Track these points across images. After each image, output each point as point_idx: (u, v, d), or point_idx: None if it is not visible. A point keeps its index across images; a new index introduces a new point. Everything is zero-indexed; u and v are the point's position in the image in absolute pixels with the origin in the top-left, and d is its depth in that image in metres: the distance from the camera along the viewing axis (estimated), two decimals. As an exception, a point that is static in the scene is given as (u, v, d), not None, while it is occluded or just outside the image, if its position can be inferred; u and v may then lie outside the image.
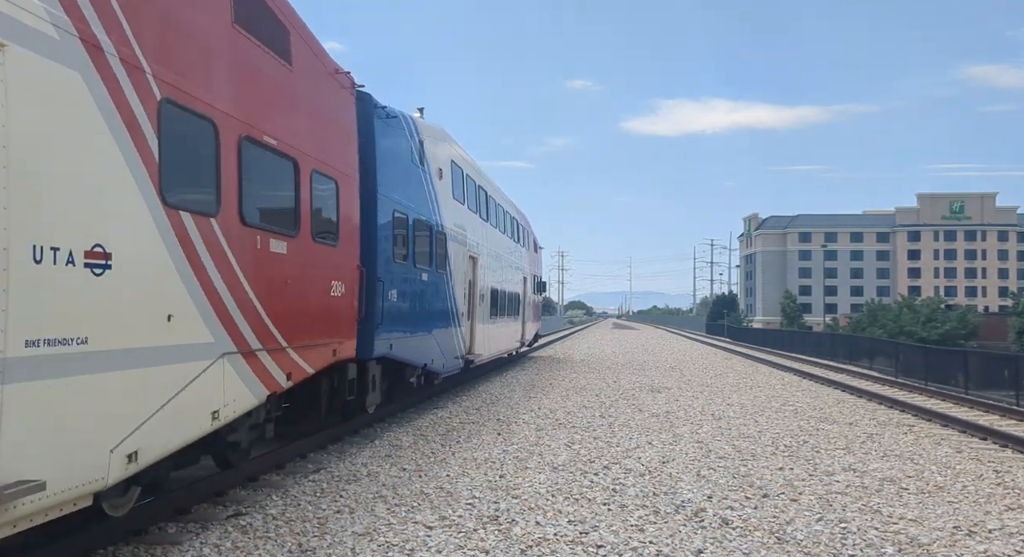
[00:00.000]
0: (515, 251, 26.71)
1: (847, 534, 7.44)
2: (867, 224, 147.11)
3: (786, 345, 43.26)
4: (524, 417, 14.73)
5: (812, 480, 9.79)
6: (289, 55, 8.75)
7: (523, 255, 28.73)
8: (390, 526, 7.42)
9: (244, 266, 7.41)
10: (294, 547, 6.77)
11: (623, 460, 10.77)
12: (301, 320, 8.91)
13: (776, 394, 20.04)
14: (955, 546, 7.15)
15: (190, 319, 6.54)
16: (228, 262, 7.13)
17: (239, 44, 7.61)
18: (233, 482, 8.62)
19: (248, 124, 7.62)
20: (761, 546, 7.02)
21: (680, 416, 15.34)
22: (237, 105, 7.44)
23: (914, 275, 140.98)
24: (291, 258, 8.57)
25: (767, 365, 31.84)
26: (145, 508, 7.11)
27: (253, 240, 7.67)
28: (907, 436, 13.63)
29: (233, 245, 7.21)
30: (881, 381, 24.45)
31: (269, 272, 8.04)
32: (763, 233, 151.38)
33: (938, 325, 67.75)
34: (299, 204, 8.82)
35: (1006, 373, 19.66)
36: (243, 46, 7.70)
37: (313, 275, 9.35)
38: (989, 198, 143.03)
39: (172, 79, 6.28)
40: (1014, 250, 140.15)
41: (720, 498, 8.72)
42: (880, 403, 18.63)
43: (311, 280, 9.29)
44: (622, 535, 7.28)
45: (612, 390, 19.99)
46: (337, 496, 8.55)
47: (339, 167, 10.17)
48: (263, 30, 8.12)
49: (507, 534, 7.24)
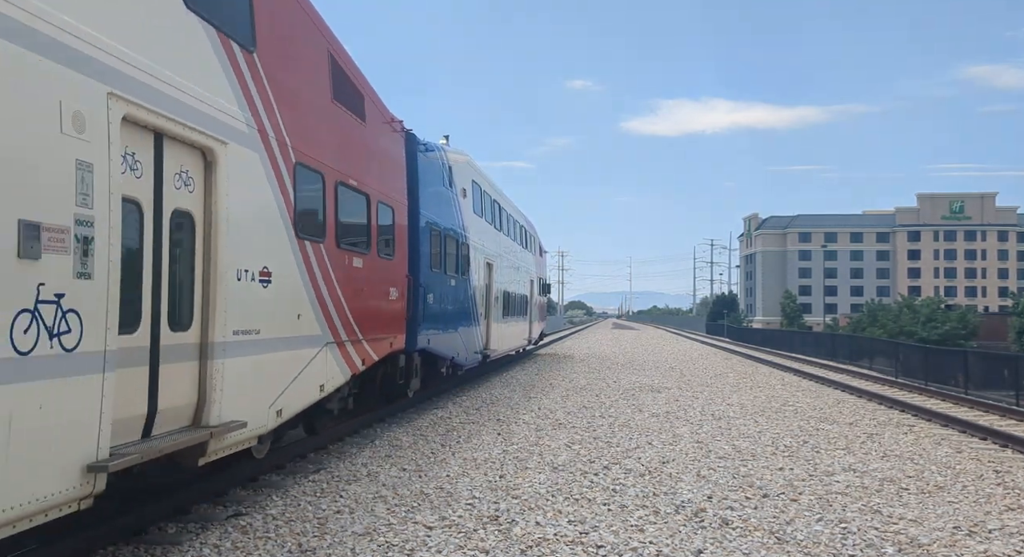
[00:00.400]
0: (523, 256, 28.84)
1: (847, 534, 7.44)
2: (867, 224, 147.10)
3: (786, 345, 43.26)
4: (524, 417, 14.73)
5: (812, 480, 9.79)
6: (363, 114, 11.20)
7: (530, 260, 30.93)
8: (390, 526, 7.42)
9: (338, 278, 9.86)
10: (294, 547, 6.77)
11: (623, 460, 10.77)
12: (371, 319, 11.29)
13: (776, 394, 20.03)
14: (955, 546, 7.15)
15: (310, 317, 9.00)
16: (329, 275, 9.57)
17: (335, 114, 10.11)
18: (233, 482, 8.63)
19: (341, 172, 10.03)
20: (761, 546, 7.02)
21: (680, 416, 15.34)
22: (335, 158, 9.87)
23: (914, 275, 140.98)
24: (365, 270, 10.99)
25: (767, 365, 31.84)
26: (145, 508, 7.12)
27: (343, 258, 10.11)
28: (907, 436, 13.63)
29: (332, 263, 9.66)
30: (881, 381, 24.45)
31: (352, 282, 10.39)
32: (763, 233, 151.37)
33: (938, 325, 67.70)
34: (370, 228, 11.34)
35: (1006, 373, 19.67)
36: (337, 115, 10.18)
37: (379, 283, 11.86)
38: (989, 198, 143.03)
39: (301, 146, 8.70)
40: (1014, 250, 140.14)
41: (720, 498, 8.72)
42: (880, 403, 18.63)
43: (378, 287, 11.80)
44: (622, 535, 7.28)
45: (612, 390, 19.99)
46: (337, 496, 8.55)
47: (394, 196, 12.66)
48: (348, 99, 10.57)
49: (507, 534, 7.24)
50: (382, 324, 11.93)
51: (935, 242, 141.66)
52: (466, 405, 16.45)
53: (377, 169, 11.79)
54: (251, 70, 7.63)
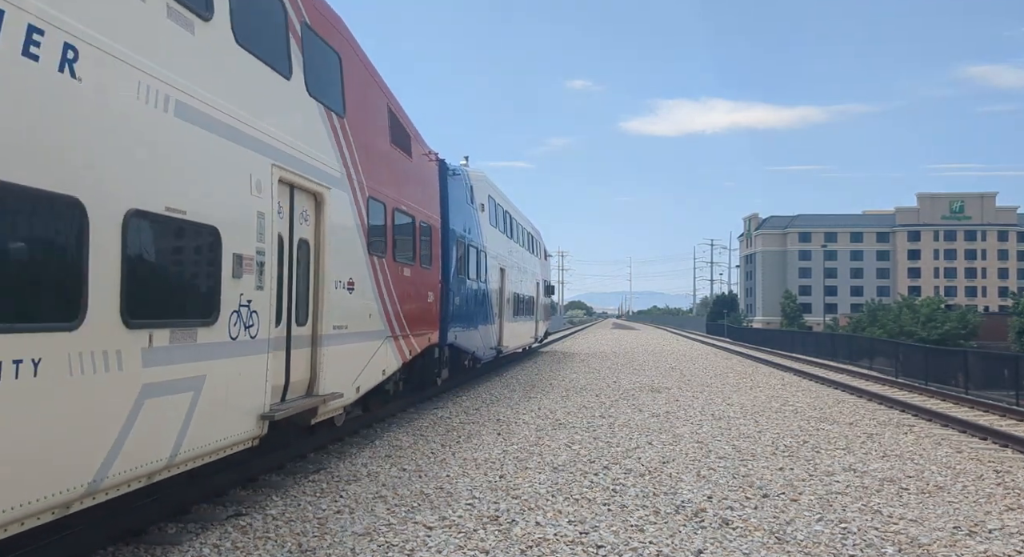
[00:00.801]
0: (530, 261, 31.51)
1: (847, 534, 7.44)
2: (867, 224, 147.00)
3: (786, 345, 43.24)
4: (524, 417, 14.73)
5: (812, 480, 9.79)
6: (410, 151, 13.81)
7: (536, 264, 33.58)
8: (390, 526, 7.42)
9: (394, 285, 12.34)
10: (294, 547, 6.77)
11: (623, 460, 10.77)
12: (416, 318, 13.80)
13: (776, 394, 20.03)
14: (955, 546, 7.15)
15: (376, 316, 11.55)
16: (388, 283, 12.04)
17: (392, 154, 12.65)
18: (233, 482, 8.63)
19: (396, 200, 12.57)
20: (761, 546, 7.02)
21: (680, 416, 15.33)
22: (392, 189, 12.41)
23: (914, 275, 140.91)
24: (412, 278, 13.59)
25: (767, 365, 31.83)
26: (145, 508, 7.11)
27: (398, 269, 12.62)
28: (907, 436, 13.63)
29: (390, 273, 12.16)
30: (881, 381, 24.45)
31: (403, 288, 12.88)
32: (763, 233, 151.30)
33: (938, 325, 67.69)
34: (415, 243, 13.89)
35: (1006, 373, 19.66)
36: (393, 155, 12.73)
37: (421, 288, 14.29)
38: (989, 198, 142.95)
39: (371, 183, 11.19)
40: (1014, 250, 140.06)
41: (720, 498, 8.72)
42: (880, 403, 18.63)
43: (420, 292, 14.25)
44: (622, 535, 7.28)
45: (612, 390, 19.99)
46: (337, 496, 8.55)
47: (431, 215, 15.30)
48: (400, 141, 13.13)
49: (507, 534, 7.24)
50: (423, 322, 14.47)
51: (935, 242, 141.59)
52: (466, 405, 16.44)
53: (420, 194, 14.39)
54: (342, 131, 10.17)
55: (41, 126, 4.90)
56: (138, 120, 5.80)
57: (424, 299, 14.53)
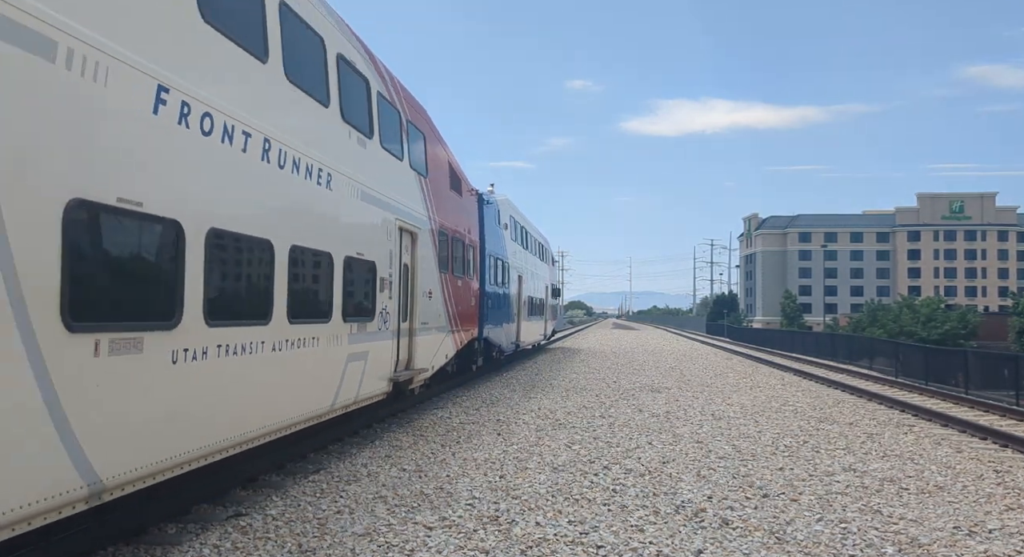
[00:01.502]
0: (541, 266, 36.28)
1: (847, 534, 7.44)
2: (867, 224, 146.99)
3: (786, 345, 43.22)
4: (524, 417, 14.73)
5: (812, 480, 9.79)
6: (461, 191, 18.16)
7: (545, 269, 38.69)
8: (390, 526, 7.42)
9: (452, 292, 16.47)
10: (294, 548, 6.77)
11: (623, 460, 10.77)
12: (464, 317, 17.99)
13: (776, 394, 20.03)
14: (955, 546, 7.15)
15: (443, 316, 15.64)
16: (449, 291, 16.19)
17: (450, 196, 16.75)
18: (233, 482, 8.63)
19: (454, 230, 16.74)
20: (761, 546, 7.02)
21: (680, 416, 15.33)
22: (451, 222, 16.49)
23: (914, 275, 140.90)
24: (462, 287, 17.81)
25: (767, 365, 31.83)
26: (145, 508, 7.11)
27: (455, 280, 16.81)
28: (907, 436, 13.63)
29: (451, 283, 16.30)
30: (881, 381, 24.45)
31: (457, 294, 17.03)
32: (763, 233, 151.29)
33: (938, 325, 67.67)
34: (464, 260, 18.15)
35: (1006, 373, 19.65)
36: (452, 196, 16.91)
37: (468, 295, 18.55)
38: (989, 198, 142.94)
39: (440, 220, 15.25)
40: (1014, 250, 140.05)
41: (720, 498, 8.72)
42: (880, 403, 18.63)
43: (467, 297, 18.47)
44: (622, 535, 7.27)
45: (612, 390, 19.99)
46: (337, 496, 8.55)
47: (473, 238, 19.56)
48: (455, 185, 17.41)
49: (507, 534, 7.23)
50: (468, 320, 18.63)
51: (935, 242, 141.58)
52: (466, 405, 16.45)
53: (466, 222, 18.64)
54: (426, 187, 14.27)
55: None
56: (352, 204, 10.21)
57: (469, 303, 18.79)
